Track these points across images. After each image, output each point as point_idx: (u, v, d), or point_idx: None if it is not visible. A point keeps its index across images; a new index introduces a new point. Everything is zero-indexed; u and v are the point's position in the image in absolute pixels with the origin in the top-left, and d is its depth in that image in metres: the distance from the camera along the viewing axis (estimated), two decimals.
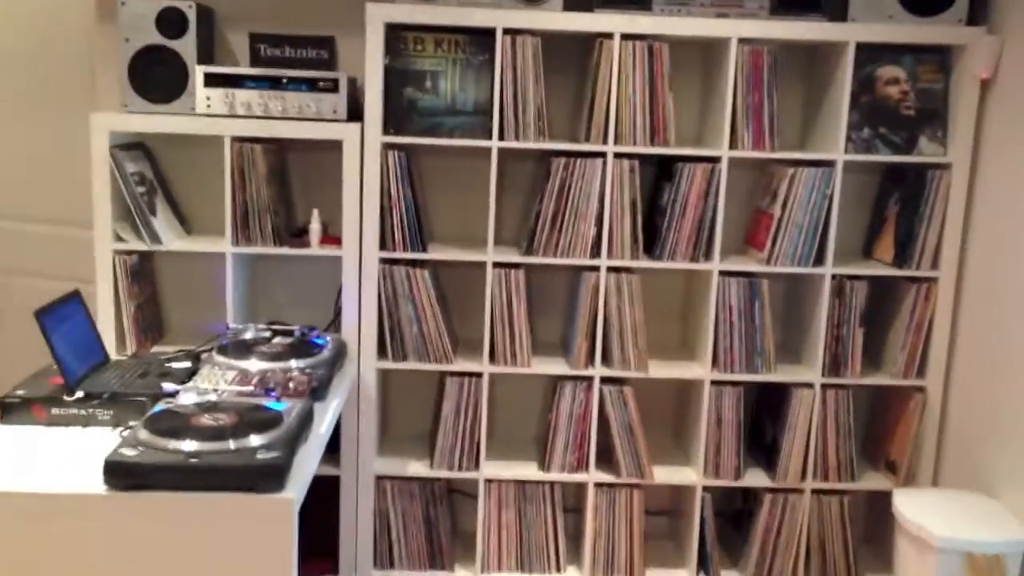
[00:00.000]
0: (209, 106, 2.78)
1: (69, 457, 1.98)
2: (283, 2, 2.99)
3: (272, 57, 2.85)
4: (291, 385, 2.31)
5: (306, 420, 2.11)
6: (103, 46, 3.03)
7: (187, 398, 2.12)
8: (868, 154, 2.89)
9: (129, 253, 2.87)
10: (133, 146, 2.94)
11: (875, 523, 3.24)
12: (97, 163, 2.75)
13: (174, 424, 1.97)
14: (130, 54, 2.82)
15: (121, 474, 1.81)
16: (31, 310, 3.39)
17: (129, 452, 1.84)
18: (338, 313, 3.17)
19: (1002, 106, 2.76)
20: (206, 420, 1.99)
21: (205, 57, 2.90)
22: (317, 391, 2.37)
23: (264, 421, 2.00)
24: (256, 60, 2.84)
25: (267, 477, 1.83)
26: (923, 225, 2.91)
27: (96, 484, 1.84)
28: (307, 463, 2.00)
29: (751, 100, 2.84)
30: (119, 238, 2.81)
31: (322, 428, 2.22)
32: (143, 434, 1.91)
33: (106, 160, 2.75)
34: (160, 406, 2.08)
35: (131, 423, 2.18)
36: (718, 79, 2.91)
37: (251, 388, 2.22)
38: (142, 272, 2.96)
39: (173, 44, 2.82)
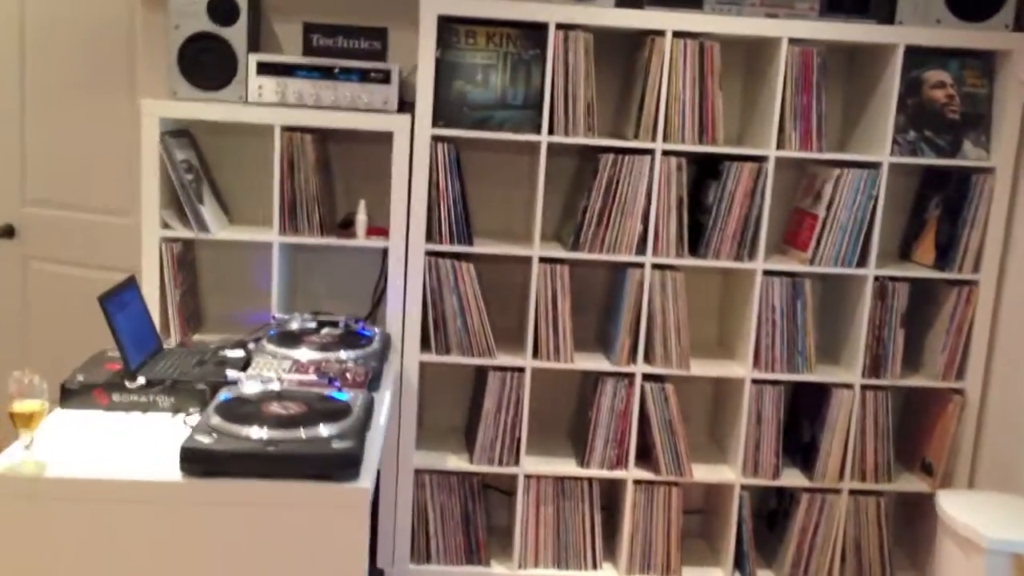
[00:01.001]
0: (261, 95, 2.77)
1: (136, 443, 1.97)
2: None
3: (324, 47, 2.84)
4: (348, 376, 2.31)
5: (370, 410, 2.11)
6: (150, 33, 3.02)
7: (251, 386, 2.11)
8: (913, 157, 2.91)
9: (176, 241, 2.85)
10: (179, 133, 2.93)
11: (907, 525, 3.26)
12: (147, 149, 2.74)
13: (245, 411, 1.96)
14: (180, 41, 2.81)
15: (198, 461, 1.81)
16: (73, 298, 3.38)
17: (204, 439, 1.83)
18: (376, 304, 3.18)
19: None
20: (276, 408, 1.99)
21: (253, 46, 2.89)
22: (372, 382, 2.36)
23: (334, 411, 2.00)
24: (308, 50, 2.84)
25: (343, 466, 1.83)
26: (965, 228, 2.93)
27: (171, 471, 1.83)
28: (373, 453, 2.00)
29: (800, 100, 2.85)
30: (166, 226, 2.80)
31: (381, 419, 2.21)
32: (216, 420, 1.90)
33: (156, 147, 2.74)
34: (225, 394, 2.08)
35: (191, 410, 2.17)
36: (763, 79, 2.92)
37: (313, 377, 2.22)
38: (184, 261, 2.94)
39: (223, 32, 2.81)
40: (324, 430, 1.91)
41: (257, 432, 1.87)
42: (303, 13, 2.99)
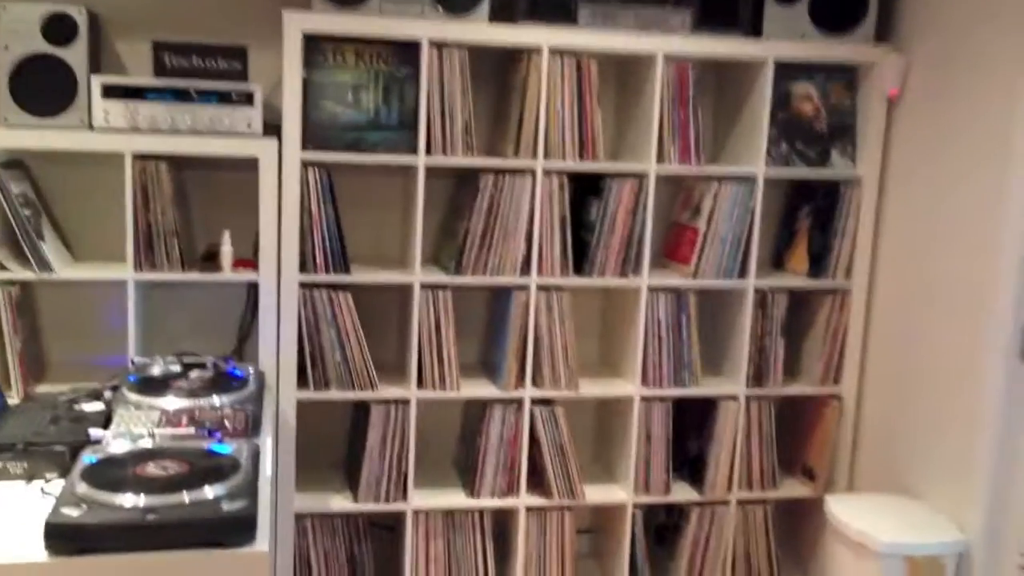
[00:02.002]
0: (108, 120, 2.53)
1: None
2: (187, 9, 2.77)
3: (178, 67, 2.62)
4: (227, 424, 2.12)
5: (257, 462, 1.93)
6: None
7: (119, 445, 1.90)
8: (786, 168, 2.94)
9: (13, 284, 2.57)
10: (12, 164, 2.64)
11: (790, 529, 3.30)
12: None
13: (117, 475, 1.75)
14: (11, 63, 2.54)
15: (66, 537, 1.59)
16: None
17: (72, 511, 1.61)
18: (242, 341, 2.97)
19: (909, 122, 2.87)
20: (152, 469, 1.79)
21: (94, 67, 2.64)
22: (252, 428, 2.18)
23: (218, 467, 1.82)
24: (160, 70, 2.61)
25: (237, 530, 1.65)
26: (837, 237, 2.99)
27: (34, 550, 1.60)
28: (266, 510, 1.82)
29: (677, 116, 2.84)
30: (1, 267, 2.51)
31: (268, 470, 2.03)
32: (83, 488, 1.69)
33: None
34: (90, 456, 1.85)
35: (49, 476, 1.93)
36: (639, 94, 2.89)
37: (189, 430, 2.02)
38: (24, 304, 2.66)
39: (60, 52, 2.56)
40: (211, 491, 1.72)
41: (133, 499, 1.67)
42: (151, 31, 2.77)
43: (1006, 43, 2.48)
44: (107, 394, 2.32)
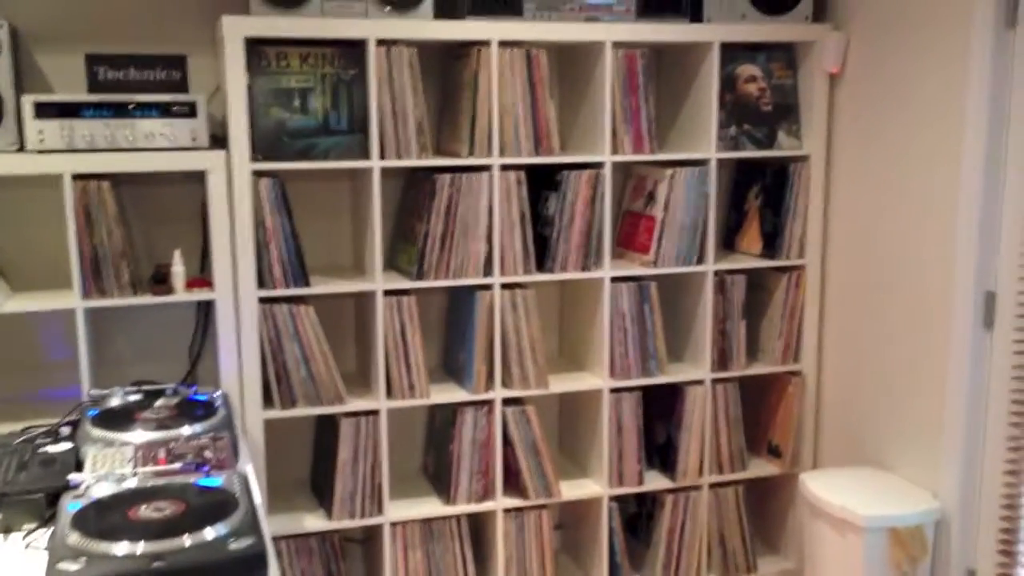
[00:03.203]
0: (43, 140, 2.38)
1: None
2: (118, 19, 2.62)
3: (113, 80, 2.48)
4: (208, 454, 2.02)
5: (250, 492, 1.84)
6: None
7: (102, 488, 1.78)
8: (736, 150, 2.96)
9: None
10: None
11: (758, 508, 3.33)
12: None
13: (109, 522, 1.64)
14: None
15: None
16: None
17: (71, 567, 1.50)
18: (195, 363, 2.85)
19: (850, 98, 2.92)
20: (146, 512, 1.68)
21: (18, 84, 2.48)
22: (235, 457, 2.08)
23: (215, 503, 1.72)
24: (95, 85, 2.46)
25: (248, 569, 1.57)
26: (788, 216, 3.02)
27: None
28: (270, 544, 1.74)
29: (628, 103, 2.82)
30: None
31: (257, 498, 1.94)
32: (75, 539, 1.58)
33: None
34: (74, 502, 1.74)
35: (26, 527, 1.81)
36: (587, 84, 2.87)
37: (176, 465, 1.91)
38: None
39: None
40: (213, 531, 1.63)
41: (132, 547, 1.57)
42: (82, 44, 2.61)
43: (941, 14, 2.53)
44: (65, 430, 2.19)
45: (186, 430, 2.17)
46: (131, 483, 1.82)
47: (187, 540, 1.60)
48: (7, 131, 2.42)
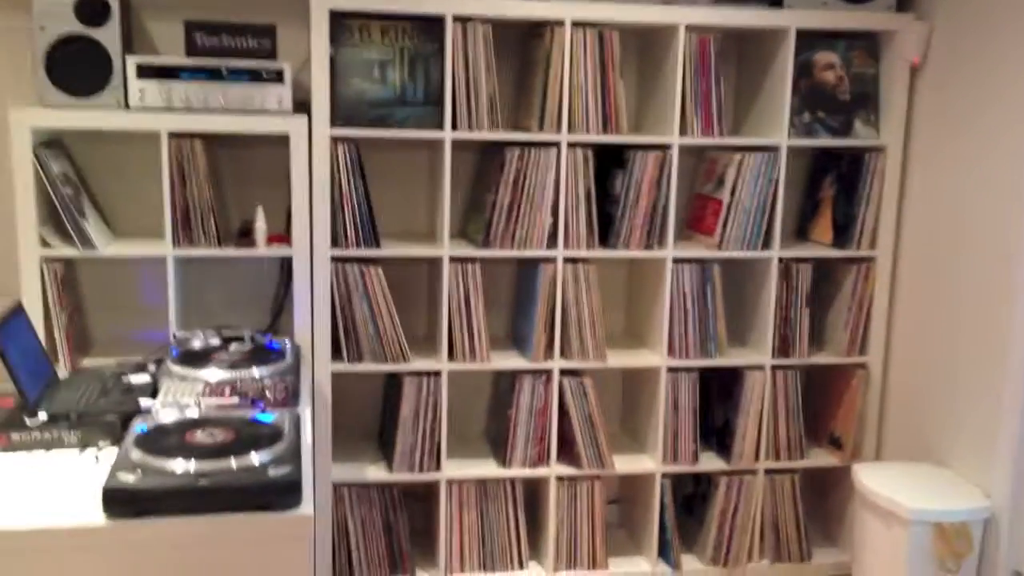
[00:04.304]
0: (143, 99, 2.59)
1: (46, 485, 1.80)
2: None
3: (209, 46, 2.67)
4: (268, 394, 2.18)
5: (299, 430, 1.99)
6: (7, 36, 2.78)
7: (168, 415, 1.96)
8: (809, 138, 2.97)
9: (58, 260, 2.64)
10: (51, 144, 2.70)
11: (817, 498, 3.34)
12: (20, 163, 2.51)
13: (168, 443, 1.81)
14: (47, 44, 2.59)
15: (123, 501, 1.65)
16: None
17: (128, 477, 1.68)
18: (277, 315, 3.03)
19: (931, 90, 2.89)
20: (201, 437, 1.85)
21: (127, 47, 2.69)
22: (292, 398, 2.24)
23: (263, 435, 1.87)
24: (192, 50, 2.66)
25: (283, 494, 1.71)
26: (861, 207, 3.01)
27: (93, 513, 1.67)
28: (309, 476, 1.88)
29: (699, 87, 2.86)
30: (46, 244, 2.58)
31: (308, 438, 2.09)
32: (137, 455, 1.75)
33: (30, 160, 2.51)
34: (141, 424, 1.91)
35: (101, 444, 2.00)
36: (660, 66, 2.92)
37: (234, 400, 2.08)
38: (67, 280, 2.73)
39: (94, 33, 2.61)
40: (257, 457, 1.78)
41: (184, 465, 1.73)
42: (182, 11, 2.81)
43: None
44: (151, 367, 2.38)
45: (254, 372, 2.34)
46: (193, 412, 1.99)
47: (232, 463, 1.75)
48: (114, 89, 2.63)
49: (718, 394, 3.13)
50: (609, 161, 2.95)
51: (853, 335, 3.07)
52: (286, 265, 2.99)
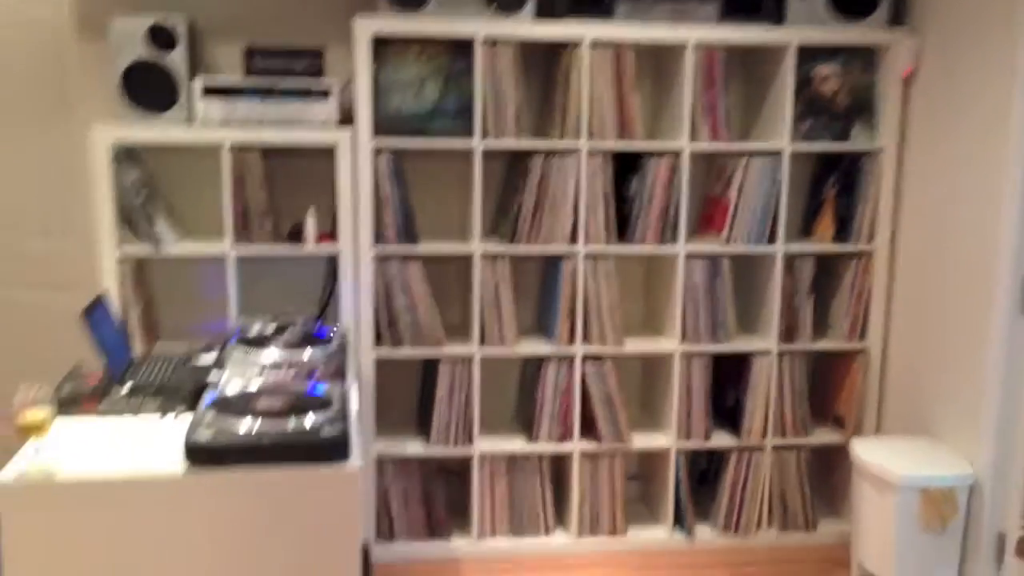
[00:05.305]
0: (208, 116, 2.93)
1: (132, 443, 2.13)
2: (272, 17, 3.16)
3: (265, 68, 3.01)
4: (318, 372, 2.50)
5: (346, 400, 2.30)
6: (89, 62, 3.14)
7: (234, 386, 2.28)
8: (810, 143, 3.23)
9: (132, 258, 2.99)
10: (126, 155, 3.06)
11: (823, 474, 3.59)
12: (99, 173, 2.87)
13: (235, 408, 2.14)
14: (122, 68, 2.94)
15: (200, 454, 1.97)
16: (29, 322, 3.48)
17: (205, 434, 2.00)
18: (325, 306, 3.36)
19: (923, 97, 3.14)
20: (263, 403, 2.17)
21: (192, 69, 3.04)
22: (342, 376, 2.55)
23: (317, 403, 2.19)
24: (250, 71, 3.00)
25: (334, 450, 2.02)
26: (860, 205, 3.27)
27: (174, 465, 2.00)
28: (357, 437, 2.19)
29: (706, 98, 3.14)
30: (122, 243, 2.93)
31: (354, 408, 2.40)
32: (211, 417, 2.08)
33: (109, 170, 2.87)
34: (212, 394, 2.24)
35: (177, 410, 2.33)
36: (672, 79, 3.20)
37: (291, 374, 2.40)
38: (140, 276, 3.08)
39: (164, 57, 2.96)
40: (311, 420, 2.10)
41: (249, 425, 2.05)
42: (242, 37, 3.16)
43: (1008, 23, 2.74)
44: (216, 350, 2.71)
45: (306, 353, 2.66)
46: (255, 384, 2.31)
47: (290, 424, 2.07)
48: (181, 107, 2.98)
49: (728, 377, 3.40)
50: (625, 166, 3.24)
51: (853, 323, 3.33)
52: (333, 261, 3.32)
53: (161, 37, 2.96)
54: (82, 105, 3.20)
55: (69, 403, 2.29)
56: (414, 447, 3.20)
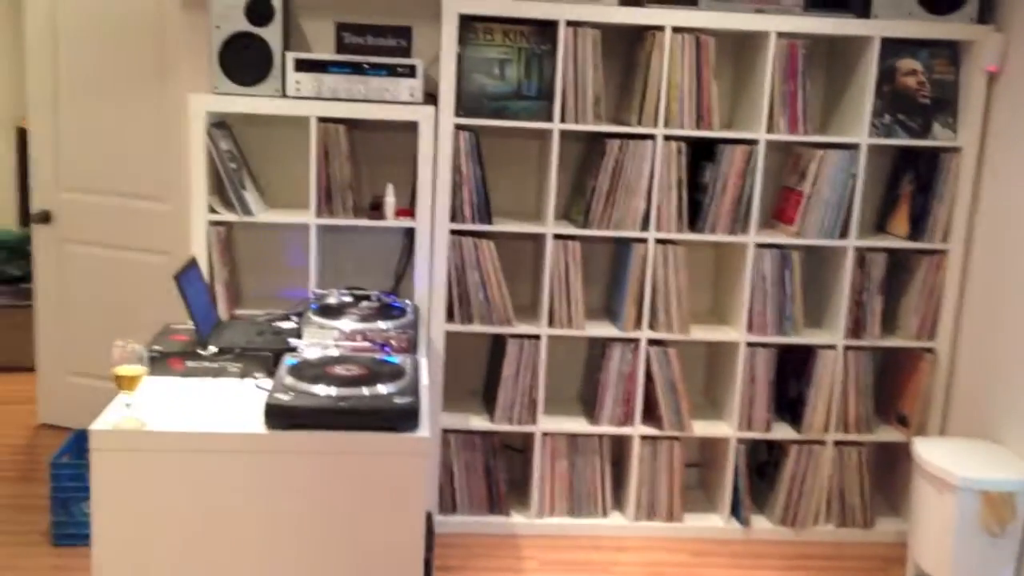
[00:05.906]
0: (299, 89, 3.03)
1: (215, 402, 2.24)
2: None
3: (355, 44, 3.10)
4: (392, 343, 2.59)
5: (418, 371, 2.39)
6: (186, 31, 3.26)
7: (312, 352, 2.39)
8: (888, 138, 3.21)
9: (221, 224, 3.12)
10: (219, 125, 3.18)
11: (885, 472, 3.59)
12: (195, 141, 2.99)
13: (313, 373, 2.24)
14: (221, 40, 3.05)
15: (280, 416, 2.08)
16: (107, 277, 3.64)
17: (284, 396, 2.11)
18: (399, 280, 3.46)
19: (1008, 96, 3.10)
20: (339, 370, 2.27)
21: (285, 44, 3.13)
22: (412, 348, 2.64)
23: (390, 372, 2.28)
24: (340, 47, 3.09)
25: (405, 419, 2.11)
26: (936, 202, 3.24)
27: (254, 424, 2.11)
28: (426, 408, 2.28)
29: (786, 88, 3.14)
30: (212, 210, 3.05)
31: (425, 380, 2.49)
32: (290, 380, 2.18)
33: (204, 138, 2.99)
34: (291, 359, 2.35)
35: (257, 374, 2.45)
36: (753, 69, 3.21)
37: (366, 344, 2.50)
38: (227, 242, 3.20)
39: (260, 31, 3.06)
40: (384, 388, 2.19)
41: (327, 390, 2.15)
42: (334, 13, 3.25)
43: None
44: (295, 317, 2.83)
45: (380, 324, 2.75)
46: (332, 352, 2.42)
47: (365, 391, 2.17)
48: (274, 80, 3.09)
49: (793, 370, 3.42)
50: (700, 153, 3.27)
51: (923, 321, 3.31)
52: (410, 236, 3.41)
53: (258, 11, 3.06)
54: (179, 74, 3.33)
55: (158, 361, 2.41)
56: (479, 422, 3.28)
